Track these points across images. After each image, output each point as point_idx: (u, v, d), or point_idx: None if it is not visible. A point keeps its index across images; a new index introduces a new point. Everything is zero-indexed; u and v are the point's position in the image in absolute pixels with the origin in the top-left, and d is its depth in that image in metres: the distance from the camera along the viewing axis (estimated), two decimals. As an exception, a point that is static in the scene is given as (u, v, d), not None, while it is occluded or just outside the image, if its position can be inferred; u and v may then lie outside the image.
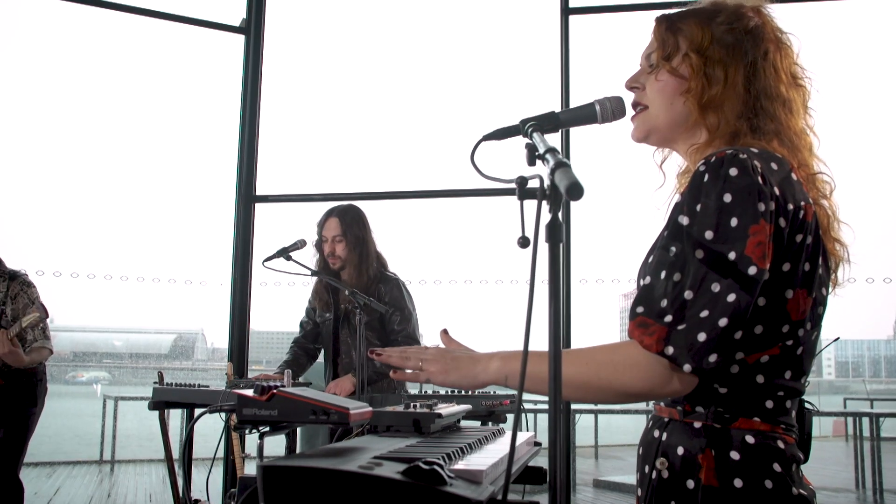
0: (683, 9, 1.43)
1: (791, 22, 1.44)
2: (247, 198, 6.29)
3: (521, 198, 1.11)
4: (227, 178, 6.41)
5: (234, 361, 6.03)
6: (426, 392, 3.21)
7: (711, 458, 1.24)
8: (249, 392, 1.39)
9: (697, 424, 1.27)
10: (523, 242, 1.10)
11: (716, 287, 1.16)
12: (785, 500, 1.21)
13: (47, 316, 4.25)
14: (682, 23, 1.41)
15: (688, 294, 1.17)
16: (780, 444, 1.24)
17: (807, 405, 1.37)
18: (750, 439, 1.23)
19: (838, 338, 1.84)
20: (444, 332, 1.53)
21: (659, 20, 1.44)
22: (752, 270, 1.16)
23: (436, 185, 6.15)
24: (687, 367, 1.15)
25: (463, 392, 3.08)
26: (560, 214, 1.06)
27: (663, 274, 1.21)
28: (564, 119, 1.41)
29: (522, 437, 1.90)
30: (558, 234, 1.05)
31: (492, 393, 3.20)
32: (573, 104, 4.55)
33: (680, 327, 1.16)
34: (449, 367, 1.36)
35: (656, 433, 1.34)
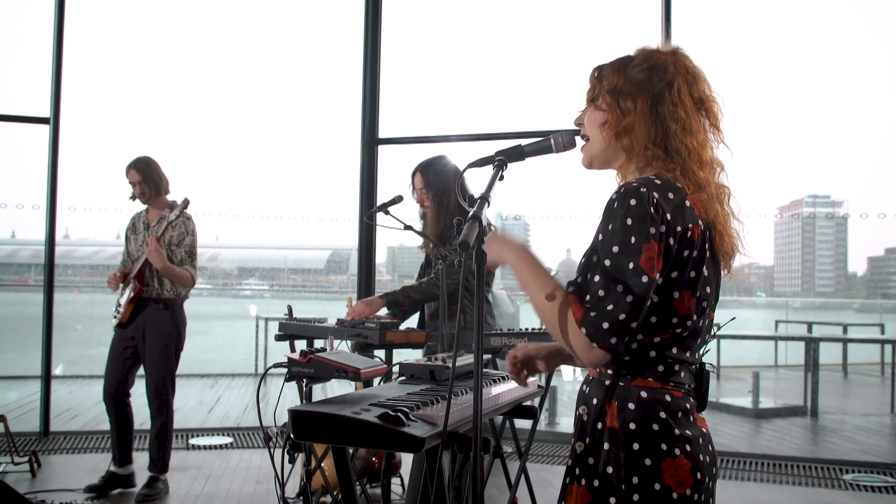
0: (613, 59, 1.82)
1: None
2: (370, 141, 6.90)
3: (458, 234, 1.60)
4: (353, 123, 7.01)
5: (361, 294, 6.75)
6: (509, 329, 3.58)
7: (615, 408, 1.68)
8: (296, 356, 1.96)
9: (607, 382, 1.71)
10: (458, 264, 1.59)
11: (619, 288, 1.57)
12: (668, 438, 1.64)
13: (196, 254, 4.95)
14: (605, 70, 1.80)
15: (601, 292, 1.59)
16: (668, 398, 1.67)
17: (707, 367, 1.78)
18: (644, 394, 1.66)
19: (734, 318, 2.23)
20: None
21: (593, 70, 1.83)
22: (644, 279, 1.56)
23: (550, 125, 6.50)
24: (594, 345, 1.57)
25: (532, 329, 3.52)
26: (482, 245, 1.56)
27: (588, 275, 1.63)
28: (528, 150, 1.87)
29: (531, 380, 2.40)
30: (482, 259, 1.56)
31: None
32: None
33: (592, 314, 1.58)
34: (490, 246, 1.74)
35: (584, 387, 1.80)
